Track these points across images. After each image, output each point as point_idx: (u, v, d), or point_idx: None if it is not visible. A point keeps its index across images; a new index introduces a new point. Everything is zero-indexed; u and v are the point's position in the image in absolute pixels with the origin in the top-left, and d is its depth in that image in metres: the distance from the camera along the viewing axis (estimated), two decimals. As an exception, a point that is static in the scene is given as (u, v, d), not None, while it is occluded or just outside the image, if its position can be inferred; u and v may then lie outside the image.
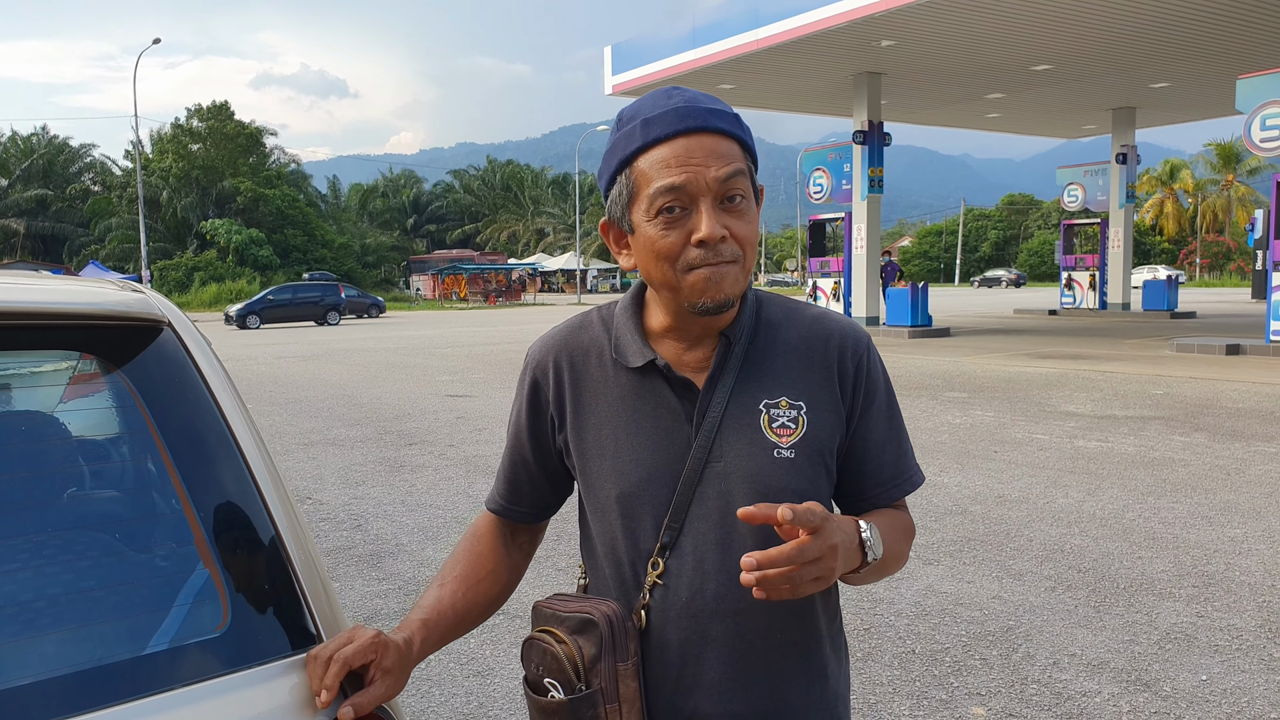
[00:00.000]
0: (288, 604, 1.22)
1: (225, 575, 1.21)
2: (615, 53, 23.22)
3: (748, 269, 1.22)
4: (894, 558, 1.27)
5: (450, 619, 1.31)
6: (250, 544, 1.25)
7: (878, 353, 1.35)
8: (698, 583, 1.23)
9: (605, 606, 1.23)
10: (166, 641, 1.14)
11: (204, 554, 1.22)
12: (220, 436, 1.30)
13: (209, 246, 49.14)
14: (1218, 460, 7.32)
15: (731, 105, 1.24)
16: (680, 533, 1.24)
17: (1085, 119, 28.52)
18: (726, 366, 1.26)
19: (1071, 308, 27.90)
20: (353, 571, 4.99)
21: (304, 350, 19.68)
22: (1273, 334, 15.33)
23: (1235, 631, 3.99)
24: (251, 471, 1.29)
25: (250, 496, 1.27)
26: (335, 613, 1.29)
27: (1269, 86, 15.34)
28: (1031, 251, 77.45)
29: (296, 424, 9.89)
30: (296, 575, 1.24)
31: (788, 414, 1.25)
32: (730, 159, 1.18)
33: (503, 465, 1.43)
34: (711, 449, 1.24)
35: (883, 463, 1.32)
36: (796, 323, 1.32)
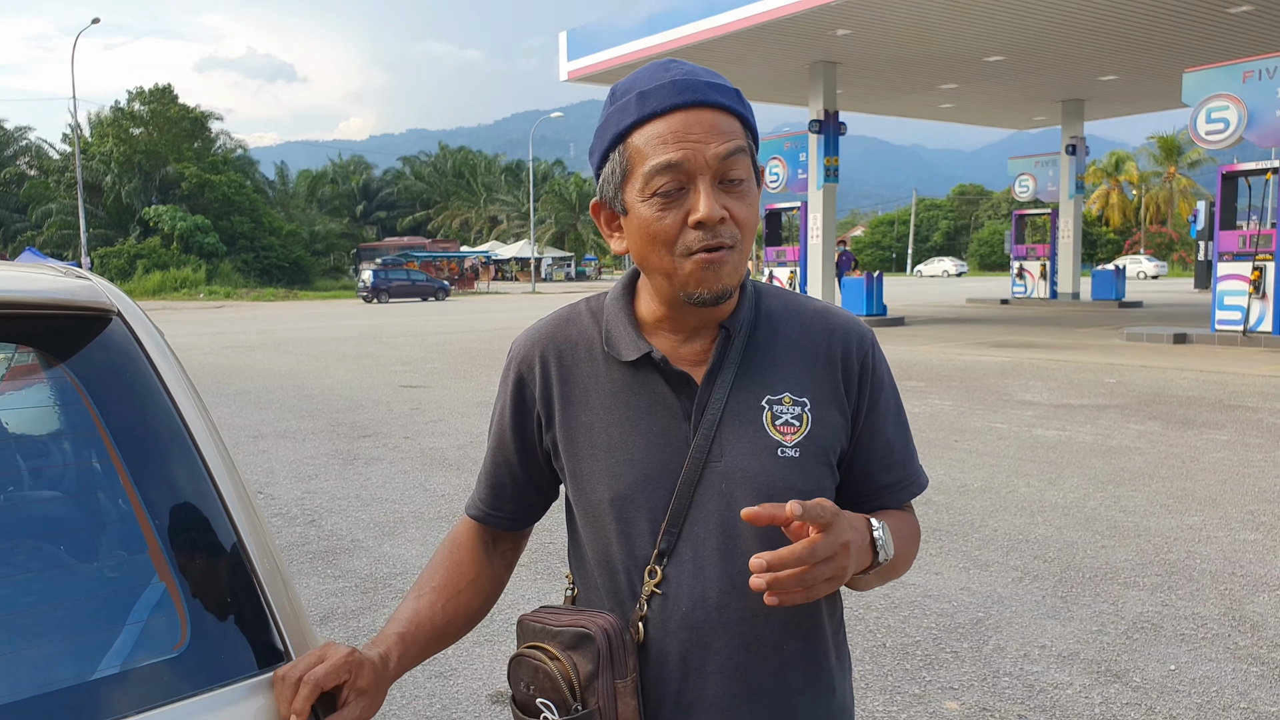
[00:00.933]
0: (252, 618, 1.11)
1: (183, 588, 1.09)
2: (570, 39, 23.02)
3: (746, 254, 1.14)
4: (902, 559, 1.20)
5: (429, 633, 1.21)
6: (210, 552, 1.14)
7: (882, 350, 1.28)
8: (699, 591, 1.14)
9: (601, 619, 1.14)
10: (118, 664, 1.02)
11: (159, 564, 1.11)
12: (175, 435, 1.19)
13: (152, 233, 47.91)
14: (1172, 448, 7.41)
15: None
16: (679, 538, 1.15)
17: (1036, 110, 28.90)
18: (726, 360, 1.18)
19: (1023, 297, 28.29)
20: (306, 569, 4.84)
21: (252, 339, 19.28)
22: (1218, 323, 15.64)
23: (1200, 620, 4.01)
24: (210, 472, 1.18)
25: (209, 500, 1.16)
26: (303, 627, 1.18)
27: (1214, 80, 15.61)
28: (982, 241, 78.50)
29: (245, 416, 9.65)
30: (261, 586, 1.13)
31: (791, 411, 1.18)
32: (731, 136, 1.11)
33: (484, 468, 1.33)
34: (711, 448, 1.16)
35: (890, 464, 1.25)
36: (798, 316, 1.24)
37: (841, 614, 1.28)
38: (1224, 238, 15.83)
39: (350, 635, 3.94)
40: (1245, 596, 4.28)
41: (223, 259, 47.87)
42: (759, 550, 1.11)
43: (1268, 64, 15.07)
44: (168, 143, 50.52)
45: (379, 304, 38.11)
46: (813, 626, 1.20)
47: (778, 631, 1.17)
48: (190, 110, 52.69)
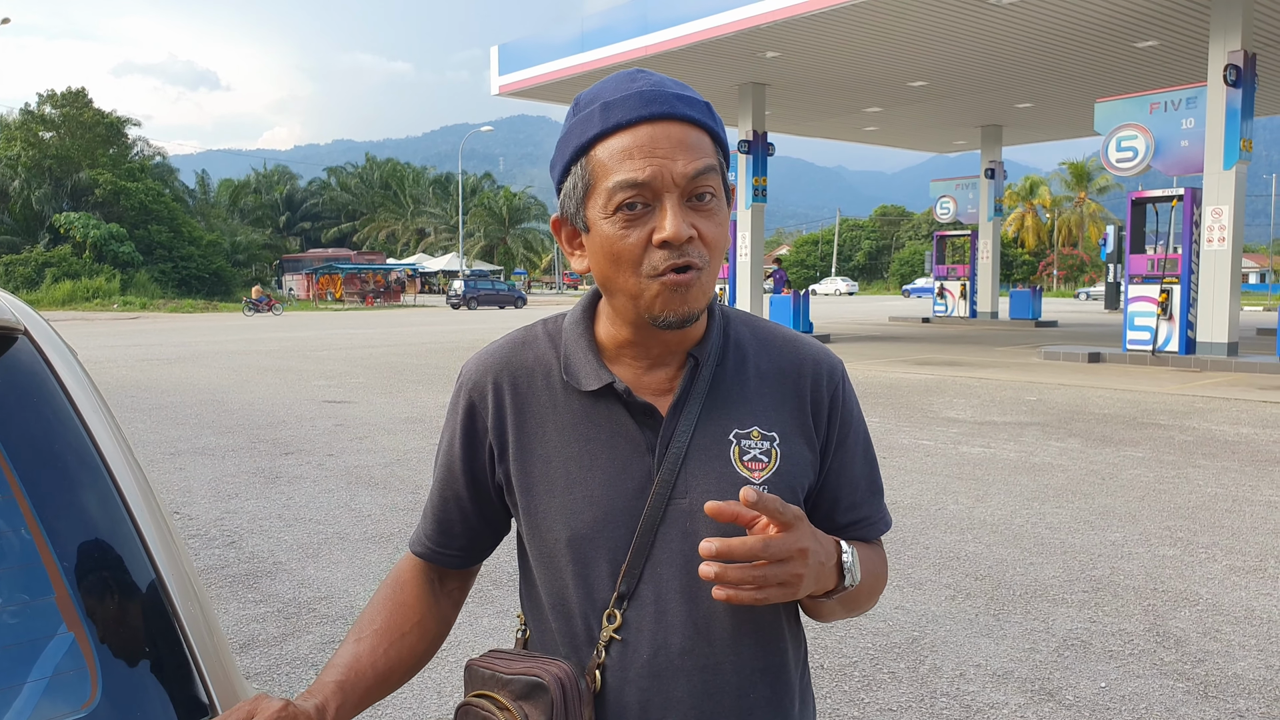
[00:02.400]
0: (172, 669, 1.01)
1: (93, 636, 0.99)
2: (502, 53, 22.90)
3: (715, 276, 1.07)
4: (868, 591, 1.15)
5: (370, 679, 1.11)
6: (124, 595, 1.03)
7: (851, 383, 1.22)
8: (661, 637, 1.08)
9: (555, 667, 1.06)
10: (18, 727, 0.92)
11: (66, 611, 1.00)
12: (87, 462, 1.08)
13: (63, 241, 46.21)
14: (1092, 465, 7.59)
15: None
16: (640, 580, 1.09)
17: (956, 135, 29.67)
18: (693, 391, 1.12)
19: (944, 316, 28.93)
20: (226, 593, 4.64)
21: (169, 352, 18.66)
22: (1129, 343, 16.17)
23: (1126, 636, 4.07)
24: (126, 504, 1.07)
25: (124, 535, 1.06)
26: (230, 675, 1.08)
27: (1124, 111, 16.22)
28: (903, 261, 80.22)
29: (162, 432, 9.30)
30: (183, 631, 1.03)
31: (760, 446, 1.11)
32: (701, 152, 1.04)
33: (430, 502, 1.23)
34: (675, 484, 1.09)
35: (856, 501, 1.19)
36: (768, 345, 1.18)
37: (806, 655, 1.22)
38: (1133, 261, 16.40)
39: (272, 663, 3.77)
40: (1167, 612, 4.36)
41: (139, 269, 46.36)
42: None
43: (1172, 96, 15.72)
44: (81, 148, 48.82)
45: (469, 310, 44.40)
46: (779, 672, 1.14)
47: (743, 679, 1.10)
48: (105, 115, 51.05)
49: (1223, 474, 7.25)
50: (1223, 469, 7.43)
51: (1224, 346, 15.08)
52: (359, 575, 4.89)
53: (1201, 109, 15.26)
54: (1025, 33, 17.55)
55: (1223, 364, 14.76)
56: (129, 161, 51.64)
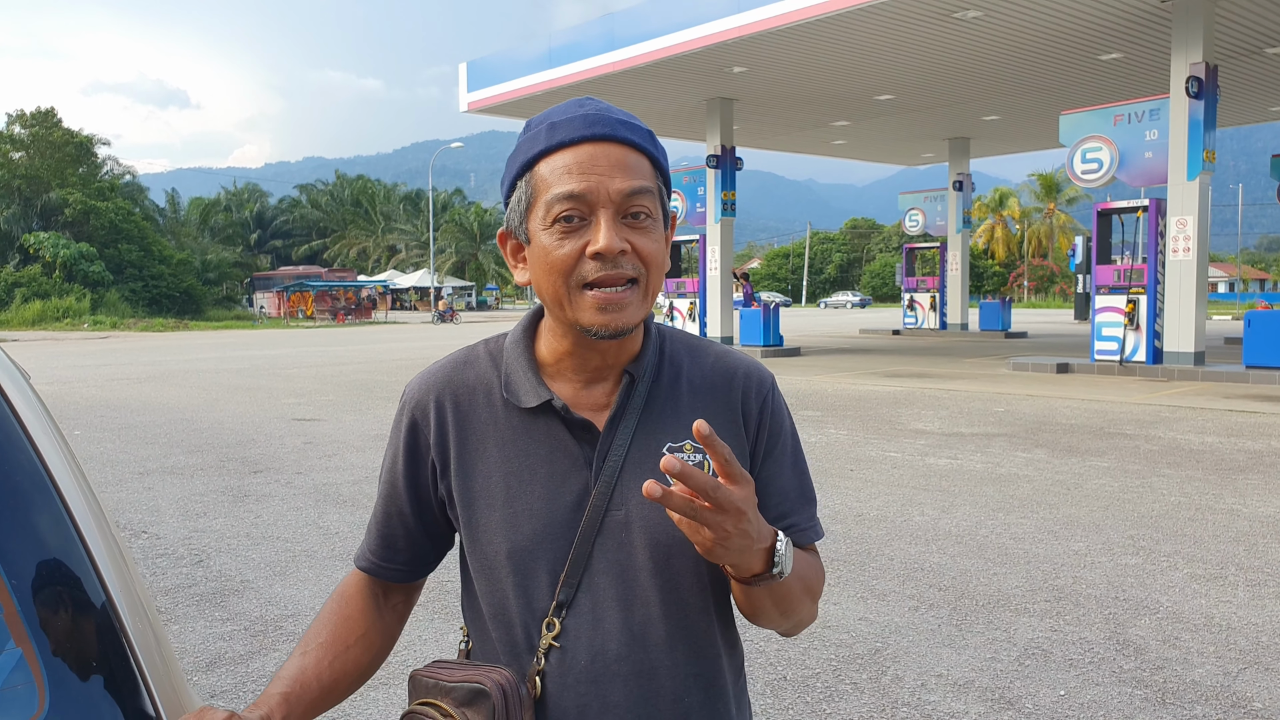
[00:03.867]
0: (120, 683, 1.03)
1: (42, 651, 1.01)
2: (471, 70, 22.96)
3: (651, 291, 1.12)
4: (800, 593, 1.15)
5: (315, 692, 1.14)
6: (73, 610, 1.05)
7: (782, 395, 1.26)
8: (598, 644, 1.12)
9: (496, 674, 1.10)
10: (-36, 740, 0.94)
11: (14, 627, 1.02)
12: (36, 483, 1.10)
13: (33, 261, 45.71)
14: (1058, 475, 7.69)
15: None
16: (578, 589, 1.13)
17: (924, 147, 30.00)
18: (629, 407, 1.16)
19: (914, 328, 29.16)
20: (193, 612, 4.62)
21: (139, 371, 18.49)
22: (1097, 354, 16.38)
23: (1087, 645, 4.14)
24: (75, 523, 1.09)
25: (74, 553, 1.08)
26: (178, 687, 1.10)
27: (1088, 123, 16.48)
28: (874, 274, 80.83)
29: (130, 451, 9.22)
30: (131, 647, 1.05)
31: (692, 459, 1.14)
32: (637, 174, 1.09)
33: (375, 517, 1.27)
34: (612, 496, 1.13)
35: (785, 510, 1.21)
36: (700, 361, 1.22)
37: (741, 661, 1.26)
38: (1100, 272, 16.63)
39: (239, 681, 3.76)
40: (1128, 620, 4.43)
41: (109, 288, 45.91)
42: (659, 601, 1.09)
43: (1136, 108, 15.98)
44: (50, 168, 48.38)
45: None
46: (714, 677, 1.18)
47: (678, 684, 1.14)
48: (75, 134, 50.62)
49: (1186, 483, 7.37)
50: (1187, 478, 7.55)
51: (1190, 356, 15.30)
52: (326, 593, 4.88)
53: (1164, 120, 15.53)
54: (990, 46, 17.81)
55: (1190, 373, 14.99)
56: (99, 181, 51.21)
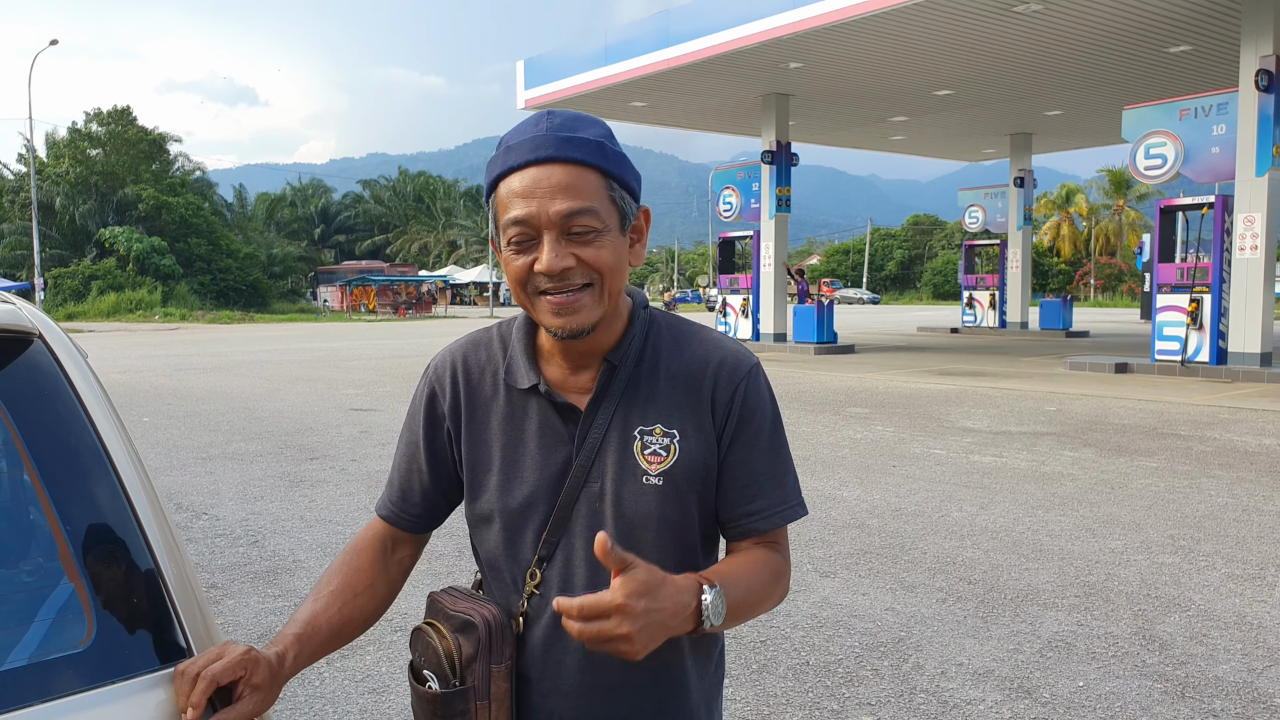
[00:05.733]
0: (157, 618, 1.21)
1: (91, 589, 1.19)
2: (528, 67, 23.24)
3: (609, 291, 1.24)
4: (752, 604, 1.26)
5: (325, 634, 1.32)
6: (119, 558, 1.23)
7: (765, 382, 1.35)
8: (565, 594, 1.28)
9: (487, 610, 1.29)
10: (26, 657, 1.11)
11: (69, 568, 1.20)
12: (91, 450, 1.28)
13: (108, 255, 47.28)
14: (1103, 474, 7.65)
15: (644, 123, 1.29)
16: (556, 547, 1.30)
17: (985, 143, 29.59)
18: (609, 391, 1.30)
19: (972, 326, 28.82)
20: (247, 588, 4.87)
21: (206, 362, 19.11)
22: (1158, 353, 16.08)
23: (1112, 639, 4.18)
24: (123, 485, 1.27)
25: (121, 510, 1.25)
26: (209, 627, 1.28)
27: (1152, 117, 16.15)
28: (935, 271, 79.70)
29: (194, 437, 9.61)
30: (168, 589, 1.23)
31: (660, 441, 1.28)
32: (578, 194, 1.19)
33: (396, 471, 1.45)
34: (590, 470, 1.29)
35: (755, 493, 1.31)
36: (682, 349, 1.33)
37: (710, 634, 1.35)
38: (1162, 270, 16.31)
39: (286, 655, 3.99)
40: (1157, 617, 4.46)
41: (179, 281, 47.33)
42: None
43: (1203, 102, 15.63)
44: (125, 164, 50.00)
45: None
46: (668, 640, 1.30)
47: None
48: (149, 132, 52.22)
49: (1236, 484, 7.28)
50: (1237, 479, 7.46)
51: (1256, 357, 14.93)
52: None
53: (1233, 115, 15.15)
54: (1052, 40, 17.54)
55: (1255, 374, 14.63)
56: (170, 177, 52.77)
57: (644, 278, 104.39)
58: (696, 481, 1.29)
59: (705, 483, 1.30)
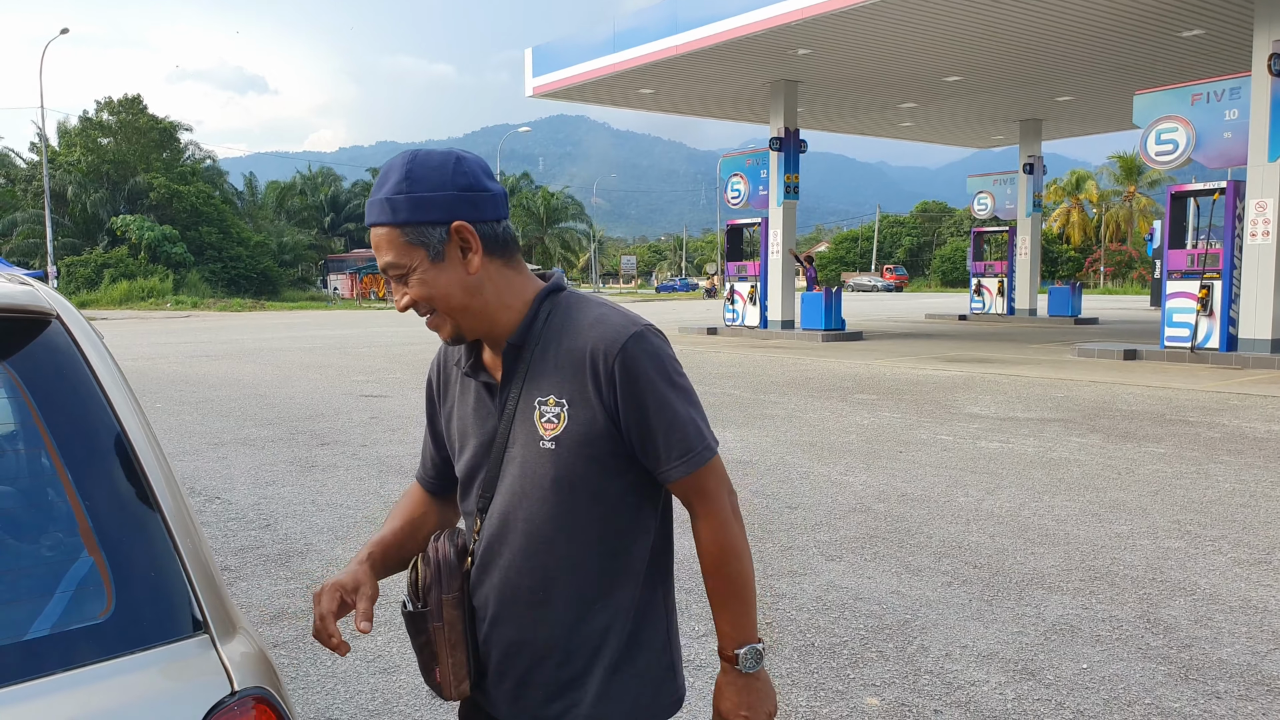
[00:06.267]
0: (174, 591, 1.24)
1: (110, 563, 1.23)
2: (536, 55, 23.21)
3: (452, 309, 1.48)
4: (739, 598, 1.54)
5: (395, 551, 1.68)
6: (136, 532, 1.27)
7: (646, 347, 1.47)
8: (491, 540, 1.55)
9: (444, 548, 1.56)
10: (47, 628, 1.15)
11: (88, 542, 1.24)
12: (109, 428, 1.32)
13: (120, 243, 47.48)
14: (1110, 460, 7.66)
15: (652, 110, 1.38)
16: (490, 501, 1.56)
17: (994, 130, 29.45)
18: (515, 370, 1.53)
19: (981, 313, 28.76)
20: (260, 571, 4.93)
21: (217, 349, 19.21)
22: (1167, 340, 16.04)
23: (1116, 622, 4.20)
24: (140, 462, 1.31)
25: (138, 486, 1.29)
26: (222, 598, 1.31)
27: (1164, 102, 16.06)
28: (944, 258, 79.40)
29: (206, 424, 9.68)
30: (184, 563, 1.27)
31: (553, 410, 1.48)
32: (389, 250, 1.46)
33: (423, 445, 1.80)
34: (509, 438, 1.53)
35: (658, 451, 1.48)
36: (571, 330, 1.50)
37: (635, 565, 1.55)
38: (1172, 256, 16.25)
39: (300, 633, 4.04)
40: (1162, 601, 4.48)
41: (190, 269, 47.51)
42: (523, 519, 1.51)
43: (1215, 87, 15.54)
44: (136, 153, 50.15)
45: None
46: (577, 565, 1.51)
47: (536, 567, 1.51)
48: (159, 120, 52.32)
49: (1244, 470, 7.28)
50: (1245, 465, 7.46)
51: (1267, 343, 14.88)
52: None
53: (1245, 100, 15.06)
54: (1063, 24, 17.43)
55: (1266, 361, 14.58)
56: (181, 165, 52.89)
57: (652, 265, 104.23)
58: (587, 444, 1.47)
59: (597, 445, 1.47)
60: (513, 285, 1.53)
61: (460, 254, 1.46)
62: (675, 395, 1.48)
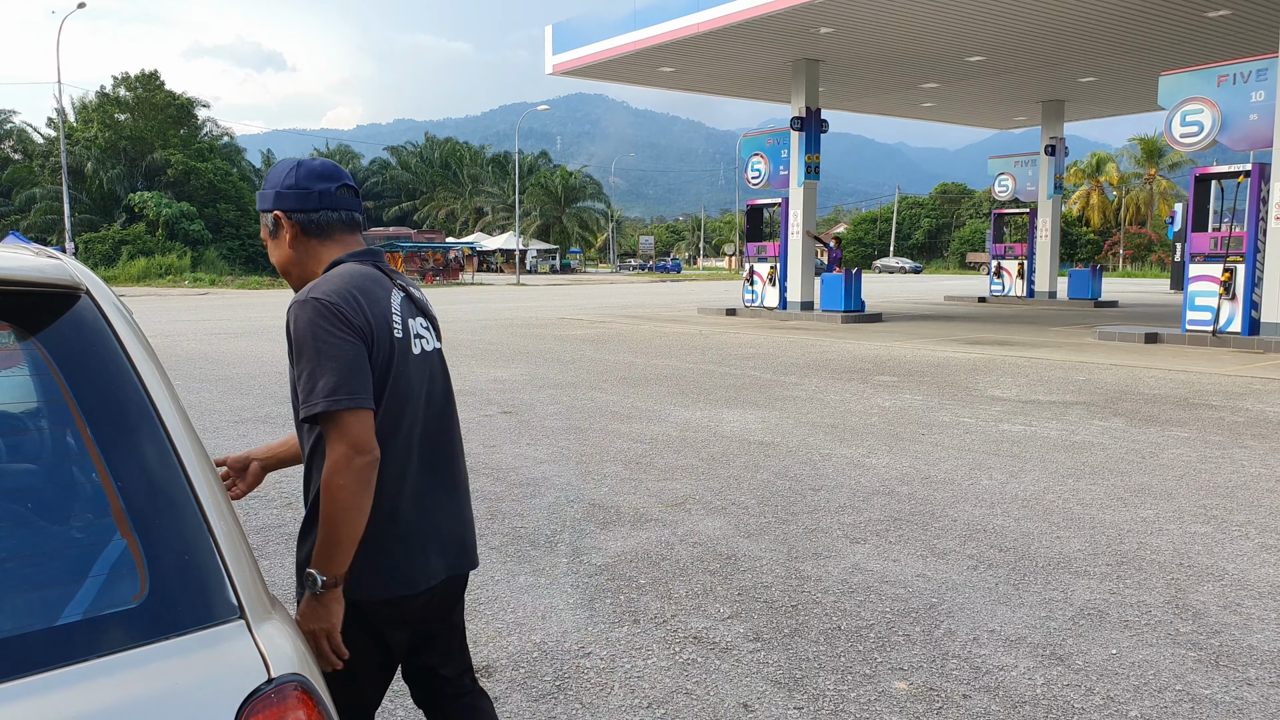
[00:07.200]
0: (208, 574, 1.21)
1: (143, 546, 1.19)
2: (556, 32, 23.06)
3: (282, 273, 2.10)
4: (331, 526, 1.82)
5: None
6: (170, 514, 1.23)
7: (301, 314, 1.88)
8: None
9: None
10: (80, 613, 1.12)
11: (121, 525, 1.21)
12: (140, 406, 1.29)
13: (137, 219, 47.64)
14: (1134, 444, 7.58)
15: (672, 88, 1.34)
16: None
17: (1016, 110, 29.12)
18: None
19: (1000, 295, 28.55)
20: (282, 549, 4.93)
21: (236, 326, 19.27)
22: (1189, 323, 15.87)
23: (1144, 607, 4.15)
24: (173, 441, 1.28)
25: (171, 466, 1.26)
26: (258, 582, 1.28)
27: (1190, 84, 15.82)
28: (963, 240, 78.94)
29: (227, 401, 9.70)
30: (218, 545, 1.23)
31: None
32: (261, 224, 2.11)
33: None
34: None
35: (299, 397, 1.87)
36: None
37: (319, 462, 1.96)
38: (1195, 239, 16.06)
39: (320, 615, 4.03)
40: (1190, 586, 4.42)
41: (208, 246, 47.65)
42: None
43: (1242, 68, 15.29)
44: (154, 129, 50.23)
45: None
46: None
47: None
48: (176, 97, 52.39)
49: (1270, 455, 7.20)
50: (1271, 450, 7.37)
51: (1290, 328, 14.74)
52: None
53: (1272, 81, 14.82)
54: (1088, 3, 17.18)
55: (1288, 345, 14.44)
56: (198, 142, 52.97)
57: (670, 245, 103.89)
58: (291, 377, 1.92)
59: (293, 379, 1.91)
60: (320, 258, 2.04)
61: (282, 233, 2.04)
62: (308, 355, 1.85)
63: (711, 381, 11.14)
